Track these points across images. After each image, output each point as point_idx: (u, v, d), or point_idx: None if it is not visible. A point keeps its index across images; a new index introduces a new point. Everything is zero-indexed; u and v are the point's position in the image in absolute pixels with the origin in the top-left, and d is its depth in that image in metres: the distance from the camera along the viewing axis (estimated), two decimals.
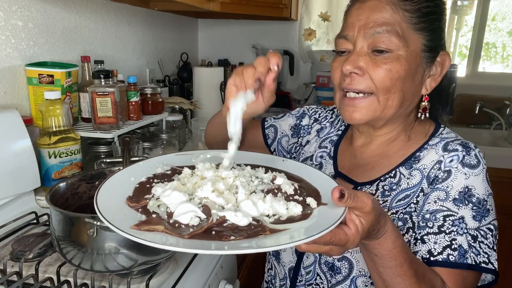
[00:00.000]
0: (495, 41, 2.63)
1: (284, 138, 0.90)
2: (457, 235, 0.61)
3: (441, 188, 0.64)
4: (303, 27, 2.42)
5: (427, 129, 0.73)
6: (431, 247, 0.61)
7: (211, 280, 0.83)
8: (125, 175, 0.58)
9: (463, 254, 0.60)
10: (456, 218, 0.62)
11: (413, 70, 0.66)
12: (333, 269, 0.70)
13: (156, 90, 1.47)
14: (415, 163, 0.69)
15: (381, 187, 0.70)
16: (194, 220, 0.45)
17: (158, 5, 1.81)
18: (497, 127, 2.18)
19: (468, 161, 0.65)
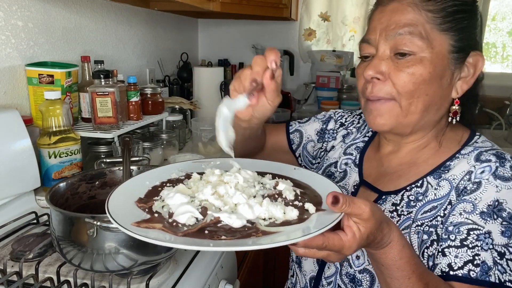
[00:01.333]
0: (495, 41, 2.63)
1: (310, 143, 0.88)
2: (481, 251, 0.56)
3: (468, 200, 0.59)
4: (303, 27, 2.42)
5: (460, 136, 0.69)
6: (451, 260, 0.57)
7: (211, 280, 0.83)
8: (141, 179, 0.60)
9: (486, 271, 0.55)
10: (481, 232, 0.57)
11: (440, 72, 0.62)
12: (354, 281, 0.67)
13: (156, 90, 1.47)
14: (444, 173, 0.64)
15: (406, 197, 0.66)
16: (190, 220, 0.47)
17: (158, 5, 1.81)
18: (497, 127, 2.18)
19: (502, 173, 0.60)
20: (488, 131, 2.24)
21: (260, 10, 2.00)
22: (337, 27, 2.40)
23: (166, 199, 0.51)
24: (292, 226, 0.47)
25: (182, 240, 0.43)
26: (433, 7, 0.61)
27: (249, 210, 0.48)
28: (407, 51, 0.61)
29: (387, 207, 0.68)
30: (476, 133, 0.70)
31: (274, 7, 2.05)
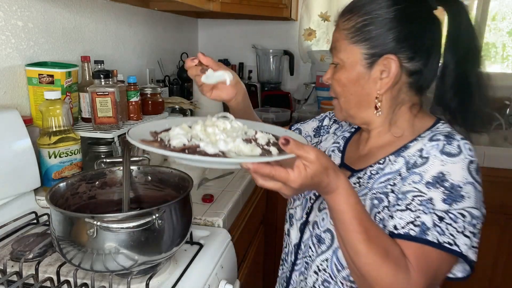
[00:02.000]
0: (495, 41, 2.63)
1: (307, 138, 1.00)
2: (422, 213, 0.64)
3: (417, 172, 0.68)
4: (303, 27, 2.42)
5: (425, 124, 0.77)
6: (397, 222, 0.66)
7: (211, 280, 0.83)
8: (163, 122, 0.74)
9: (424, 230, 0.63)
10: (424, 198, 0.65)
11: (355, 76, 0.76)
12: (320, 240, 0.77)
13: (156, 90, 1.47)
14: (403, 152, 0.74)
15: (369, 171, 0.77)
16: (179, 144, 0.61)
17: (158, 5, 1.81)
18: (497, 127, 2.18)
19: (448, 150, 0.68)
20: None
21: (260, 10, 2.00)
22: None
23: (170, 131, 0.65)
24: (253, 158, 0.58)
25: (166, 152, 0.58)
26: (346, 25, 0.75)
27: (224, 144, 0.60)
28: (334, 62, 0.79)
29: (353, 180, 0.79)
30: (440, 121, 0.78)
31: (274, 7, 2.05)
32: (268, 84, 2.45)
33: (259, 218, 1.57)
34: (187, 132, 0.65)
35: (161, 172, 0.91)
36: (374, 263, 0.60)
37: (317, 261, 0.77)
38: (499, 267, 1.94)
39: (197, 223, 1.02)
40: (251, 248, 1.46)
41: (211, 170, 1.36)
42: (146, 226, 0.67)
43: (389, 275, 0.60)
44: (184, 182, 0.86)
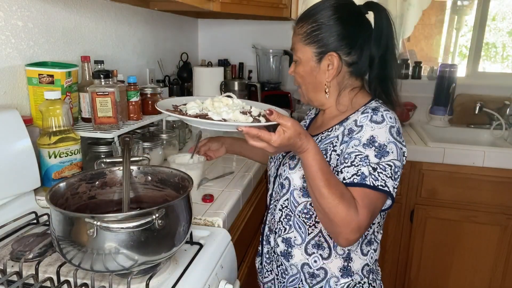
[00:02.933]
0: (495, 41, 2.63)
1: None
2: (361, 167, 0.86)
3: (356, 138, 0.90)
4: None
5: (362, 101, 0.99)
6: (345, 175, 0.87)
7: (211, 280, 0.83)
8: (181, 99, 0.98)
9: (363, 178, 0.85)
10: (363, 156, 0.87)
11: (309, 69, 0.98)
12: (282, 186, 1.01)
13: (156, 90, 1.47)
14: (344, 122, 0.97)
15: (320, 137, 1.00)
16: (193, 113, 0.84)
17: (158, 5, 1.81)
18: (497, 127, 2.18)
19: (375, 119, 0.91)
20: (488, 131, 2.24)
21: (260, 10, 2.00)
22: None
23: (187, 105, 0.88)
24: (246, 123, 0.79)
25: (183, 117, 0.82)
26: (300, 31, 0.98)
27: (226, 114, 0.82)
28: (294, 59, 1.01)
29: None
30: (374, 99, 0.99)
31: (274, 7, 2.05)
32: (268, 84, 2.45)
33: (259, 218, 1.57)
34: (199, 105, 0.88)
35: (161, 172, 0.91)
36: (334, 202, 0.80)
37: (280, 202, 1.01)
38: (499, 267, 1.94)
39: (197, 223, 1.02)
40: (251, 248, 1.46)
41: (211, 170, 1.36)
42: (146, 226, 0.67)
43: (344, 210, 0.80)
44: (184, 182, 0.86)
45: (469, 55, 2.49)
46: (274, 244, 1.04)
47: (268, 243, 1.08)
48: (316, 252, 0.97)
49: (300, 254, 0.98)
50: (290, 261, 1.00)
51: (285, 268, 1.02)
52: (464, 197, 1.91)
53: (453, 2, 2.61)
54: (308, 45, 0.97)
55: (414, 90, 2.41)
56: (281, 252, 1.02)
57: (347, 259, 0.96)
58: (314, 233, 0.96)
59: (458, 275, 2.02)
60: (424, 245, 2.02)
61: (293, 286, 1.01)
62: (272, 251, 1.06)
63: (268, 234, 1.07)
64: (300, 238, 0.98)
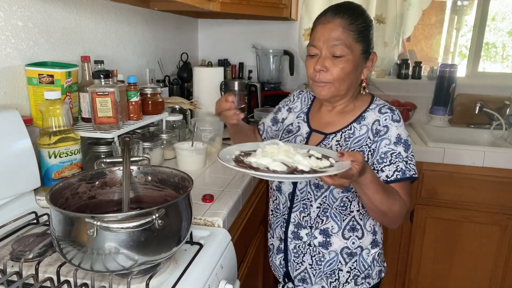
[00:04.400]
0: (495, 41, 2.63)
1: (269, 128, 1.33)
2: (398, 163, 1.03)
3: (386, 137, 1.04)
4: (303, 27, 2.42)
5: (367, 99, 1.12)
6: (387, 173, 1.02)
7: (211, 280, 0.83)
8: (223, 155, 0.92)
9: (404, 172, 1.02)
10: (396, 153, 1.03)
11: (356, 66, 1.05)
12: (318, 187, 1.09)
13: (156, 90, 1.47)
14: (362, 121, 1.09)
15: (343, 136, 1.09)
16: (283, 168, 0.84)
17: (158, 5, 1.81)
18: (497, 127, 2.18)
19: (395, 118, 1.06)
20: (488, 131, 2.24)
21: (260, 10, 2.00)
22: None
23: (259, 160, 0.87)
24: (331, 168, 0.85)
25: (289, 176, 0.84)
26: (353, 28, 1.02)
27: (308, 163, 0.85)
28: (339, 55, 1.02)
29: (334, 142, 1.09)
30: (375, 97, 1.13)
31: (274, 7, 2.05)
32: (268, 84, 2.45)
33: (259, 218, 1.57)
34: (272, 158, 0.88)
35: (161, 172, 0.91)
36: (389, 204, 0.95)
37: (318, 200, 1.09)
38: (499, 267, 1.94)
39: (197, 223, 1.02)
40: (251, 248, 1.46)
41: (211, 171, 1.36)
42: (146, 226, 0.67)
43: (397, 206, 0.98)
44: (184, 182, 0.86)
45: (469, 55, 2.49)
46: (309, 238, 1.12)
47: (297, 238, 1.14)
48: (352, 235, 1.10)
49: (338, 241, 1.10)
50: (330, 249, 1.11)
51: (321, 255, 1.12)
52: (464, 197, 1.91)
53: (453, 2, 2.61)
54: (359, 42, 1.03)
55: (414, 90, 2.41)
56: (319, 243, 1.11)
57: (373, 233, 1.13)
58: (348, 219, 1.09)
59: (458, 275, 2.02)
60: (424, 245, 2.02)
61: (331, 268, 1.12)
62: (305, 245, 1.13)
63: (296, 231, 1.14)
64: (337, 226, 1.10)
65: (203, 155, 1.42)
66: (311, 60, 1.08)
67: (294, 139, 1.19)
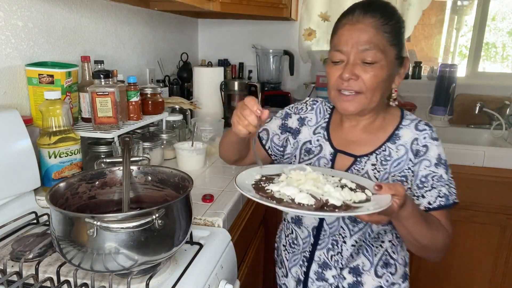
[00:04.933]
0: (495, 41, 2.63)
1: (275, 136, 1.10)
2: (440, 187, 0.91)
3: (426, 158, 0.92)
4: (303, 27, 2.42)
5: (396, 114, 0.99)
6: (429, 200, 0.91)
7: (211, 280, 0.83)
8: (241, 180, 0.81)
9: (447, 197, 0.91)
10: (437, 176, 0.91)
11: (390, 73, 0.91)
12: (355, 221, 0.96)
13: (156, 90, 1.47)
14: (397, 140, 0.95)
15: (378, 158, 0.95)
16: (311, 201, 0.72)
17: (158, 5, 1.81)
18: (497, 127, 2.18)
19: (434, 136, 0.94)
20: (488, 131, 2.24)
21: (260, 10, 2.00)
22: None
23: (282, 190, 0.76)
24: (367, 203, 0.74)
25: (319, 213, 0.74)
26: (387, 28, 0.88)
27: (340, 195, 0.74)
28: (371, 61, 0.87)
29: (369, 166, 0.95)
30: (403, 110, 1.00)
31: (274, 7, 2.05)
32: (268, 84, 2.45)
33: (259, 218, 1.57)
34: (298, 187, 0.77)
35: (161, 172, 0.90)
36: (432, 236, 0.85)
37: (354, 237, 0.96)
38: (499, 267, 1.94)
39: (197, 223, 1.02)
40: (251, 248, 1.46)
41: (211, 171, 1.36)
42: (146, 226, 0.67)
43: (440, 238, 0.87)
44: (184, 182, 0.86)
45: (469, 55, 2.49)
46: (337, 279, 0.99)
47: (321, 280, 1.01)
48: (386, 272, 0.98)
49: (371, 280, 0.97)
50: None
51: None
52: (464, 197, 1.89)
53: (453, 2, 2.61)
54: (393, 46, 0.89)
55: (414, 90, 2.41)
56: (349, 284, 0.98)
57: (405, 264, 1.03)
58: (380, 253, 0.97)
59: (458, 275, 2.02)
60: None
61: None
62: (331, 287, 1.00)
63: (321, 271, 1.01)
64: (369, 263, 0.97)
65: (203, 155, 1.41)
66: (334, 68, 0.92)
67: (317, 162, 1.00)
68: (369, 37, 0.86)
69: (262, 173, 0.86)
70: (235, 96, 2.10)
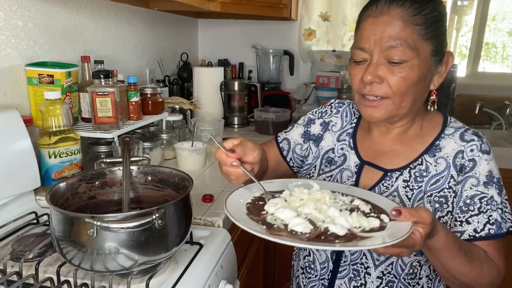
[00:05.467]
0: (495, 41, 2.63)
1: (298, 146, 0.99)
2: (491, 212, 0.75)
3: (472, 175, 0.76)
4: (303, 27, 2.42)
5: (438, 120, 0.84)
6: (476, 226, 0.75)
7: (211, 280, 0.83)
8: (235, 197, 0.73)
9: (499, 225, 0.74)
10: (488, 197, 0.75)
11: (425, 73, 0.75)
12: None
13: (156, 90, 1.47)
14: (438, 152, 0.80)
15: (413, 174, 0.80)
16: (306, 229, 0.61)
17: (158, 5, 1.81)
18: (497, 127, 2.18)
19: (485, 148, 0.78)
20: (488, 131, 2.24)
21: (260, 10, 1.99)
22: (337, 27, 2.40)
23: (276, 213, 0.66)
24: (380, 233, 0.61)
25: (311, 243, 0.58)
26: (419, 20, 0.72)
27: (345, 221, 0.62)
28: (399, 60, 0.73)
29: (400, 183, 0.81)
30: (447, 115, 0.85)
31: (274, 7, 2.05)
32: (268, 84, 2.45)
33: None
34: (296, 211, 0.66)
35: (161, 172, 0.90)
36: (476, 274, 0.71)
37: (380, 267, 0.82)
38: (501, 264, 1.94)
39: (197, 223, 1.02)
40: (251, 248, 1.46)
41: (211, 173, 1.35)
42: (146, 226, 0.67)
43: (487, 275, 0.72)
44: (184, 182, 0.86)
45: (469, 55, 2.49)
46: None
47: None
48: None
49: None
50: None
51: None
52: None
53: (453, 2, 2.61)
54: (428, 40, 0.73)
55: None
56: None
57: None
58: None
59: None
60: None
61: None
62: None
63: None
64: None
65: (203, 155, 1.41)
66: (357, 68, 0.78)
67: (339, 174, 0.88)
68: (395, 31, 0.72)
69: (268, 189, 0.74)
70: (235, 96, 2.10)
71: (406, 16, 0.72)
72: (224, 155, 0.71)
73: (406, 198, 0.79)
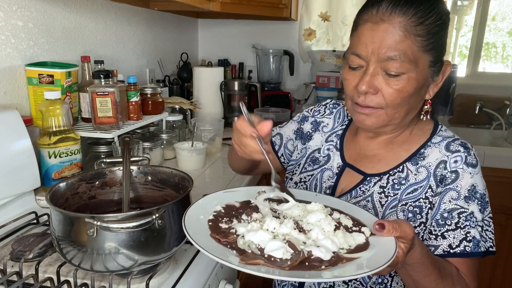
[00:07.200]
0: (495, 41, 2.63)
1: (289, 142, 0.99)
2: (470, 228, 0.71)
3: (453, 188, 0.73)
4: (303, 27, 2.42)
5: (428, 127, 0.81)
6: (451, 241, 0.71)
7: (211, 280, 0.83)
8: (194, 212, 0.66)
9: (477, 244, 0.70)
10: (467, 213, 0.71)
11: (421, 85, 0.73)
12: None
13: (156, 90, 1.47)
14: (421, 160, 0.77)
15: (391, 180, 0.78)
16: (286, 254, 0.54)
17: (158, 5, 1.81)
18: (497, 127, 2.18)
19: (470, 161, 0.74)
20: (488, 131, 2.24)
21: (260, 10, 1.99)
22: (337, 27, 2.40)
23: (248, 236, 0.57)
24: (365, 252, 0.57)
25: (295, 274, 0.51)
26: (421, 31, 0.69)
27: (330, 244, 0.56)
28: (396, 73, 0.70)
29: (376, 189, 0.79)
30: (439, 124, 0.82)
31: (274, 7, 2.05)
32: (268, 84, 2.45)
33: None
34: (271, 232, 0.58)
35: (161, 172, 0.90)
36: None
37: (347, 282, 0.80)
38: (499, 267, 1.94)
39: None
40: None
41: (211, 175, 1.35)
42: (146, 226, 0.67)
43: None
44: (184, 182, 0.86)
45: (469, 55, 2.49)
46: None
47: None
48: None
49: None
50: None
51: None
52: None
53: (453, 2, 2.61)
54: (428, 52, 0.70)
55: None
56: None
57: None
58: None
59: None
60: None
61: None
62: None
63: None
64: None
65: (203, 155, 1.41)
66: (351, 74, 0.75)
67: (320, 174, 0.86)
68: (395, 41, 0.68)
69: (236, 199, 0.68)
70: (235, 96, 2.10)
71: (408, 26, 0.68)
72: (246, 123, 0.69)
73: (379, 204, 0.77)
